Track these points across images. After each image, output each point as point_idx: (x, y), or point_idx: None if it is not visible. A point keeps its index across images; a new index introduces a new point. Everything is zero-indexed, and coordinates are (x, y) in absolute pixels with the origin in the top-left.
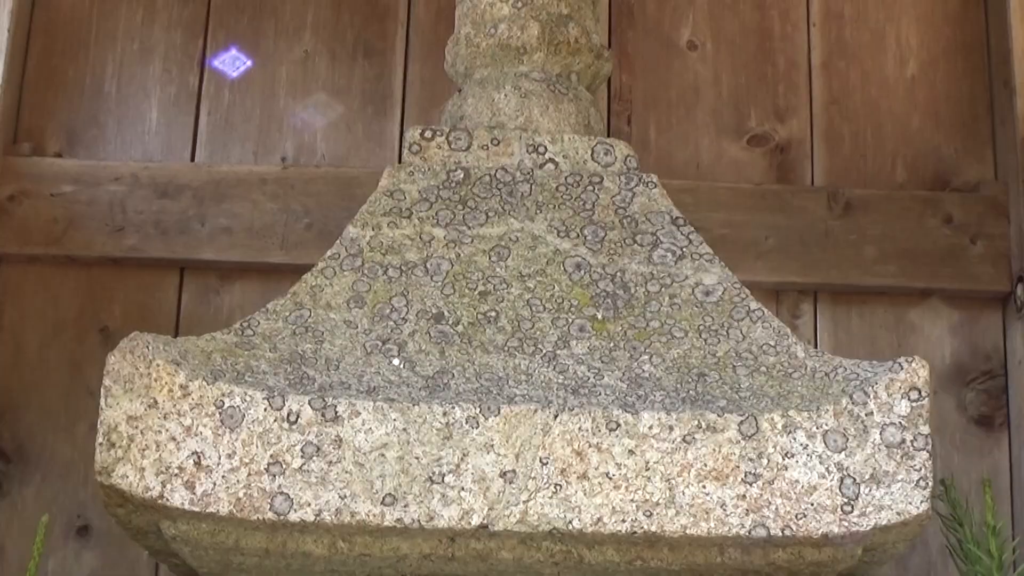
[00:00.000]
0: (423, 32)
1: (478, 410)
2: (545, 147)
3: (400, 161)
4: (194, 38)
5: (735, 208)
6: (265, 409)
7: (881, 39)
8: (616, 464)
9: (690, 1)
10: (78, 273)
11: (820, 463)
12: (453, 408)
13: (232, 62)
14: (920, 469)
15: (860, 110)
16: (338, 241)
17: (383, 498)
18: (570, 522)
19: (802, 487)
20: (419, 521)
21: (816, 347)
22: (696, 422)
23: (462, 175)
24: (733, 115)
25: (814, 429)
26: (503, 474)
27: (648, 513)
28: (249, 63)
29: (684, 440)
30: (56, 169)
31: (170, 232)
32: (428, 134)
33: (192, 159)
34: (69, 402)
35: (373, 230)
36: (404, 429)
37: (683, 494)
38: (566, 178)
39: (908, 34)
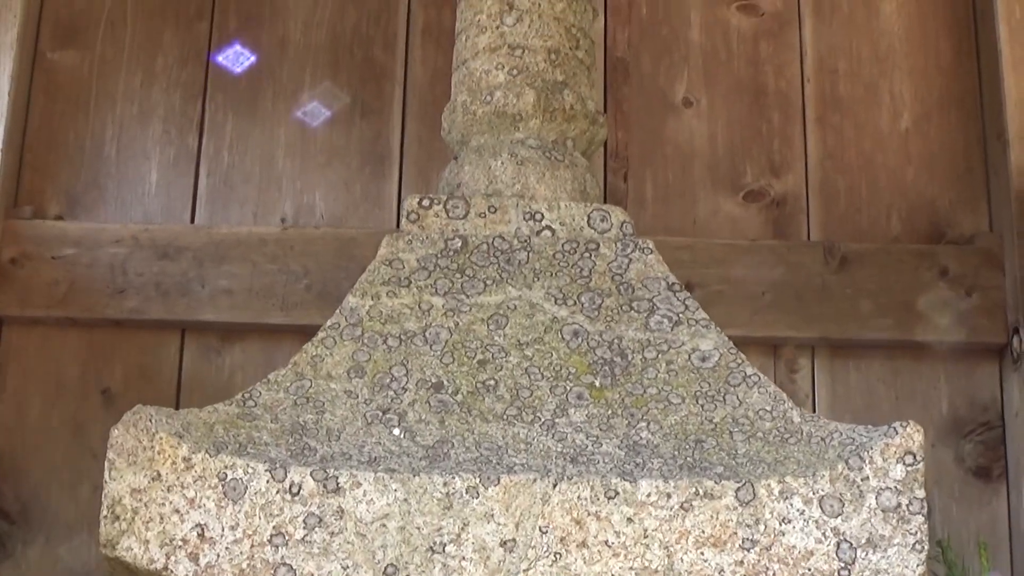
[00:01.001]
0: (420, 92)
1: (478, 480)
2: (542, 214)
3: (398, 224)
4: (193, 100)
5: (732, 264)
6: (267, 481)
7: (875, 93)
8: (615, 532)
9: (685, 58)
10: (80, 335)
11: (817, 528)
12: (453, 478)
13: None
14: (916, 533)
15: (855, 164)
16: (338, 310)
17: (385, 568)
18: None
19: (799, 552)
20: None
21: (814, 400)
22: (693, 489)
23: (460, 243)
24: (729, 171)
25: (810, 495)
26: (503, 543)
27: None
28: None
29: (682, 507)
30: (57, 232)
31: (171, 293)
32: (426, 202)
33: (192, 220)
34: (72, 463)
35: (373, 299)
36: (405, 499)
37: (682, 561)
38: (563, 245)
39: (902, 87)
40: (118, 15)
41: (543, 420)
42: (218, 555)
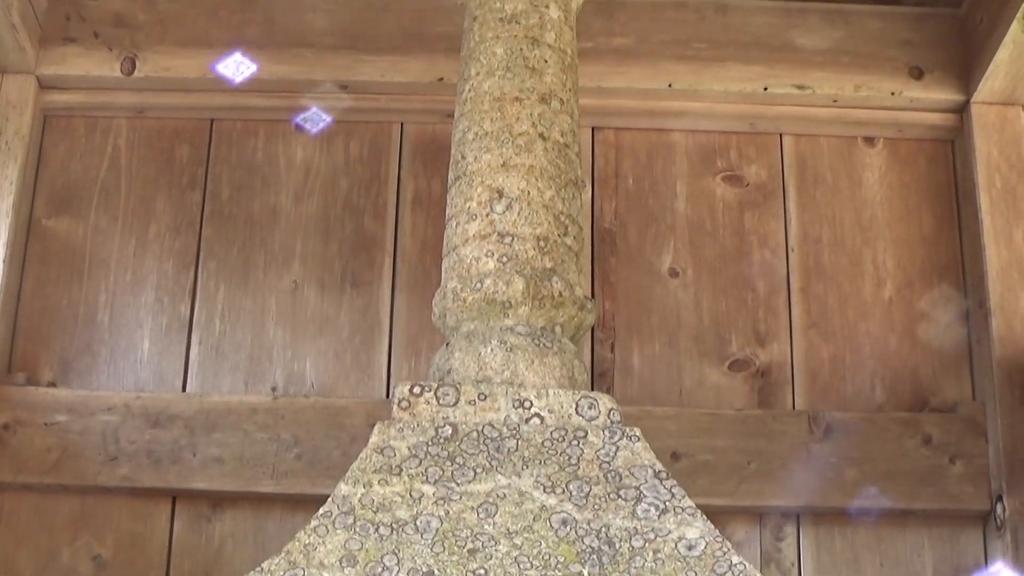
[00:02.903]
0: (410, 262)
1: None
2: (531, 402)
3: (388, 393)
4: (185, 268)
5: (718, 434)
6: None
7: (858, 262)
8: None
9: (671, 228)
10: (72, 501)
11: None
12: None
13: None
14: None
15: (839, 333)
16: (330, 498)
17: None
18: None
19: None
20: None
21: (800, 568)
22: None
23: (450, 431)
24: (715, 340)
25: None
26: None
27: None
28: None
29: None
30: (50, 399)
31: (162, 461)
32: (417, 390)
33: (184, 388)
34: None
35: (364, 487)
36: None
37: None
38: (551, 433)
39: (885, 257)
40: (112, 183)
41: None
42: None
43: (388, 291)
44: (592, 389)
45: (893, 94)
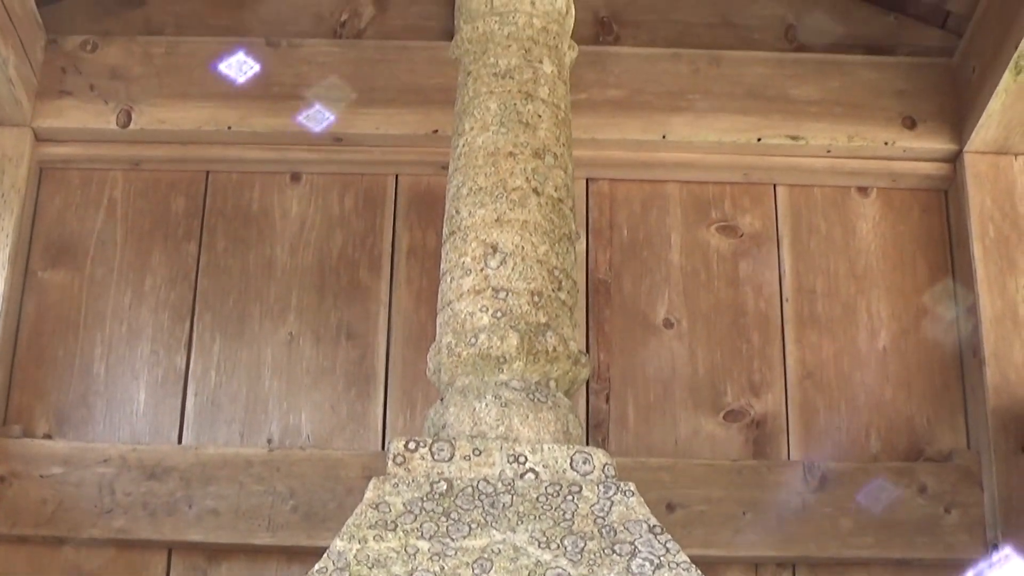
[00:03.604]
0: (404, 314)
1: None
2: (525, 457)
3: (383, 445)
4: (181, 320)
5: (713, 484)
6: None
7: (853, 312)
8: None
9: (665, 279)
10: (67, 554)
11: None
12: None
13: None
14: None
15: (834, 383)
16: (326, 554)
17: None
18: None
19: None
20: None
21: None
22: None
23: (445, 486)
24: (709, 391)
25: None
26: None
27: None
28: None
29: None
30: (45, 451)
31: (158, 514)
32: (412, 445)
33: (179, 440)
34: None
35: (360, 543)
36: None
37: None
38: (546, 488)
39: (879, 306)
40: (108, 235)
41: None
42: None
43: (383, 343)
44: (587, 440)
45: (886, 144)
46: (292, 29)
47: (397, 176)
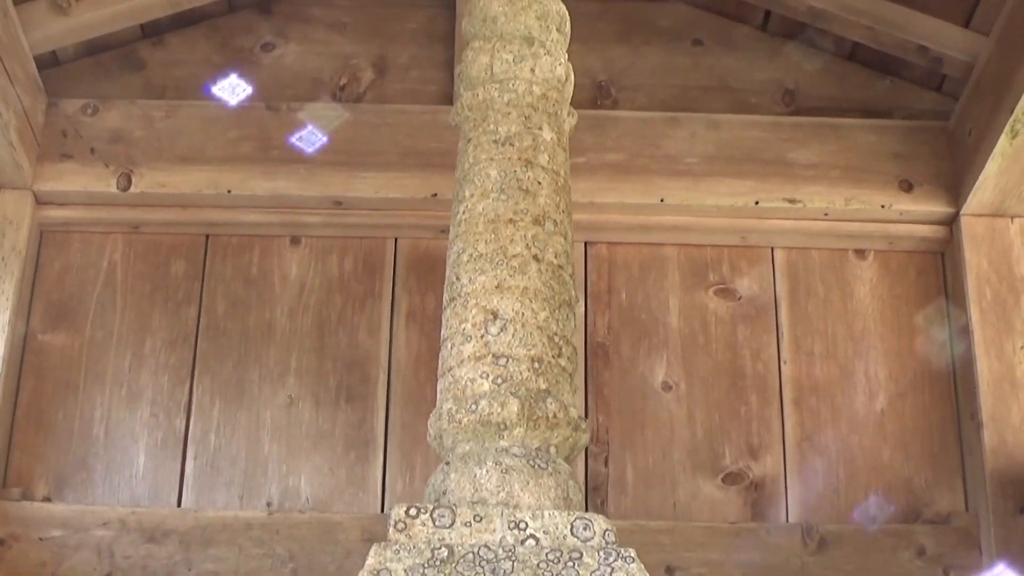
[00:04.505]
0: (404, 377)
1: None
2: (526, 523)
3: (383, 508)
4: (181, 383)
5: (712, 547)
6: None
7: (851, 374)
8: None
9: (664, 342)
10: None
11: None
12: None
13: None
14: None
15: (832, 445)
16: None
17: None
18: None
19: None
20: None
21: None
22: None
23: (446, 552)
24: (708, 453)
25: None
26: None
27: None
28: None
29: None
30: (45, 514)
31: None
32: (413, 511)
33: (179, 503)
34: None
35: None
36: None
37: None
38: (547, 554)
39: (877, 368)
40: (108, 298)
41: None
42: None
43: (383, 406)
44: (586, 502)
45: (883, 207)
46: (291, 93)
47: (396, 239)
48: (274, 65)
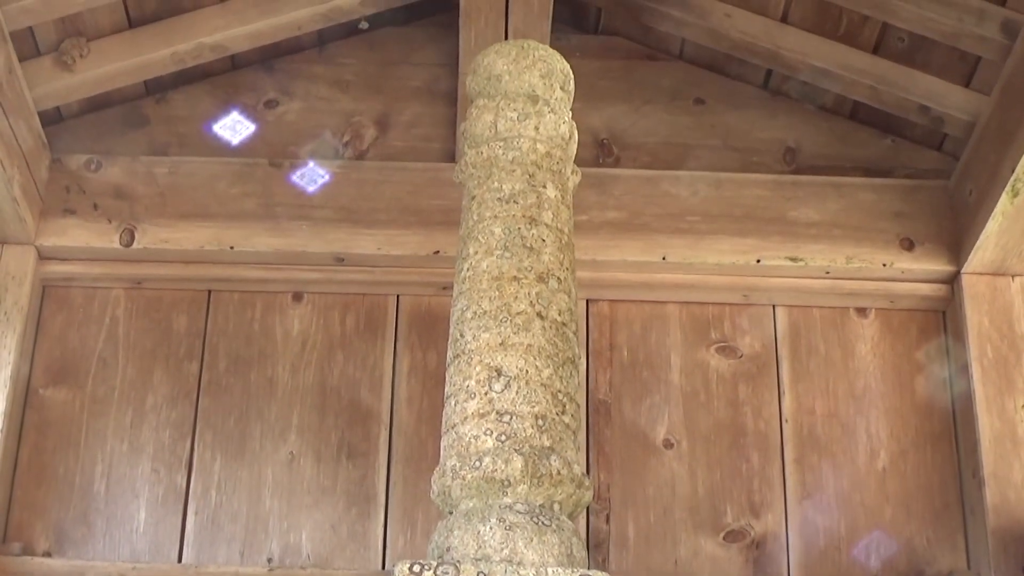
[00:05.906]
0: (406, 434)
1: None
2: None
3: (384, 565)
4: (182, 439)
5: None
6: None
7: (852, 433)
8: None
9: (665, 399)
10: None
11: None
12: None
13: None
14: None
15: (833, 503)
16: None
17: None
18: None
19: None
20: None
21: None
22: None
23: None
24: (709, 511)
25: None
26: None
27: None
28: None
29: None
30: (45, 569)
31: None
32: (416, 568)
33: (180, 559)
34: None
35: None
36: None
37: None
38: None
39: (878, 427)
40: (110, 353)
41: None
42: None
43: (384, 462)
44: (588, 560)
45: (885, 265)
46: (294, 150)
47: (398, 296)
48: (277, 122)
